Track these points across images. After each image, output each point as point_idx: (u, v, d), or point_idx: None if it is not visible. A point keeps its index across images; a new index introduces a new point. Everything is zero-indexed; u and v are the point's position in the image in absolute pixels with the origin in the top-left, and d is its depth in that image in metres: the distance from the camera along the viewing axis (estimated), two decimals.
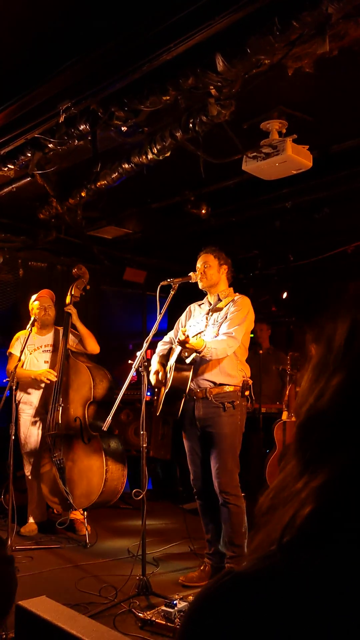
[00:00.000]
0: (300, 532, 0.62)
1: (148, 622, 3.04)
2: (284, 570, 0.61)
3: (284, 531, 0.63)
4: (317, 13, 2.54)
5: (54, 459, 4.72)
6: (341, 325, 0.67)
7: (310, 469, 0.64)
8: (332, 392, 0.65)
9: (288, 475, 0.67)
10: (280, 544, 0.63)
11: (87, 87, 3.31)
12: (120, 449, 4.77)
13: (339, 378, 0.65)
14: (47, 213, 5.46)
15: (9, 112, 3.60)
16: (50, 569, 4.03)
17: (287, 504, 0.64)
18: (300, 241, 6.79)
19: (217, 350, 3.59)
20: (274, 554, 0.63)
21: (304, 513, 0.62)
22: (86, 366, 4.89)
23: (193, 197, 5.33)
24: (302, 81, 3.35)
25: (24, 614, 2.23)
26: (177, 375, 3.72)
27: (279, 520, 0.64)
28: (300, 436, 0.68)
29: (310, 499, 0.62)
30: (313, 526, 0.61)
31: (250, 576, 0.63)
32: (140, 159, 4.05)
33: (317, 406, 0.66)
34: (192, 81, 3.06)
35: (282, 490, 0.67)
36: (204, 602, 0.64)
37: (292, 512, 0.63)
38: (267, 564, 0.63)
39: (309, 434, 0.67)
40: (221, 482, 3.65)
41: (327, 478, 0.62)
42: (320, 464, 0.63)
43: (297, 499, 0.63)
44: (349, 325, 0.66)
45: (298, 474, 0.66)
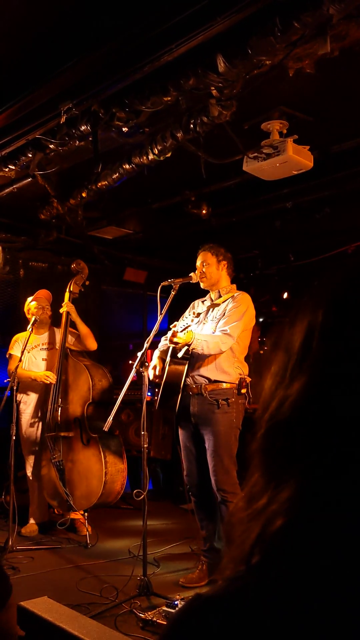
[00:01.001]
0: (269, 550, 0.59)
1: (149, 622, 3.04)
2: (254, 593, 0.58)
3: (252, 549, 0.60)
4: (318, 14, 2.54)
5: (54, 460, 4.71)
6: (298, 330, 0.65)
7: (276, 481, 0.62)
8: (293, 399, 0.62)
9: (253, 487, 0.65)
10: (248, 564, 0.60)
11: (88, 87, 3.32)
12: (119, 450, 4.76)
13: (299, 384, 0.62)
14: (48, 213, 5.46)
15: (10, 112, 3.60)
16: (51, 570, 4.03)
17: (253, 519, 0.62)
18: (301, 241, 6.79)
19: (208, 343, 3.57)
20: (243, 576, 0.60)
21: (273, 529, 0.59)
22: (85, 365, 4.87)
23: (194, 197, 5.33)
24: (303, 82, 3.35)
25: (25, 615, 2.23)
26: (171, 369, 3.72)
27: (246, 537, 0.62)
28: (264, 446, 0.65)
29: (278, 514, 0.59)
30: (283, 542, 0.59)
31: (219, 601, 0.60)
32: (141, 160, 4.06)
33: (279, 414, 0.63)
34: (193, 82, 3.07)
35: (249, 502, 0.64)
36: (173, 629, 0.63)
37: (260, 528, 0.60)
38: (236, 587, 0.60)
39: (272, 443, 0.64)
40: (218, 479, 3.64)
41: (295, 489, 0.59)
42: (285, 475, 0.61)
43: (264, 513, 0.61)
44: (306, 330, 0.64)
45: (264, 485, 0.63)
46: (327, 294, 0.66)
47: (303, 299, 0.68)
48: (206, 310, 3.93)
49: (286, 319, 0.68)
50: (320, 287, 0.67)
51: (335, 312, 0.63)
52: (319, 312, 0.64)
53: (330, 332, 0.63)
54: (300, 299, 0.68)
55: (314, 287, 0.68)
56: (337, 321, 0.63)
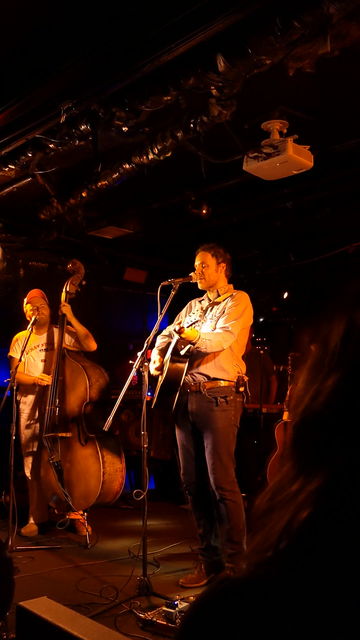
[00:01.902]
0: (297, 537, 0.61)
1: (149, 622, 3.03)
2: (281, 578, 0.60)
3: (281, 536, 0.62)
4: (318, 13, 2.54)
5: (52, 460, 4.70)
6: (337, 326, 0.66)
7: (306, 472, 0.63)
8: (327, 392, 0.64)
9: (284, 477, 0.66)
10: (276, 550, 0.62)
11: (88, 87, 3.31)
12: (117, 450, 4.75)
13: (334, 378, 0.64)
14: (48, 213, 5.45)
15: (10, 112, 3.59)
16: (51, 570, 4.03)
17: (283, 507, 0.63)
18: (301, 241, 6.79)
19: (211, 342, 3.57)
20: (270, 561, 0.62)
21: (301, 517, 0.60)
22: (82, 366, 4.86)
23: (194, 197, 5.32)
24: (303, 81, 3.35)
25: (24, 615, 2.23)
26: (172, 366, 3.71)
27: (275, 524, 0.63)
28: (296, 437, 0.67)
29: (307, 503, 0.61)
30: (310, 531, 0.60)
31: (247, 584, 0.62)
32: (141, 159, 4.05)
33: (312, 407, 0.65)
34: (193, 81, 3.06)
35: (278, 492, 0.66)
36: (199, 610, 0.64)
37: (289, 516, 0.62)
38: (264, 571, 0.61)
39: (304, 435, 0.66)
40: (216, 477, 3.63)
41: (324, 481, 0.61)
42: (316, 466, 0.62)
43: (293, 502, 0.62)
44: (345, 326, 0.66)
45: (294, 476, 0.65)
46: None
47: (343, 294, 0.69)
48: (205, 309, 3.93)
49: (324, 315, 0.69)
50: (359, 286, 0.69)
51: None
52: (359, 311, 0.66)
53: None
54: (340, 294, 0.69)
55: (353, 283, 0.69)
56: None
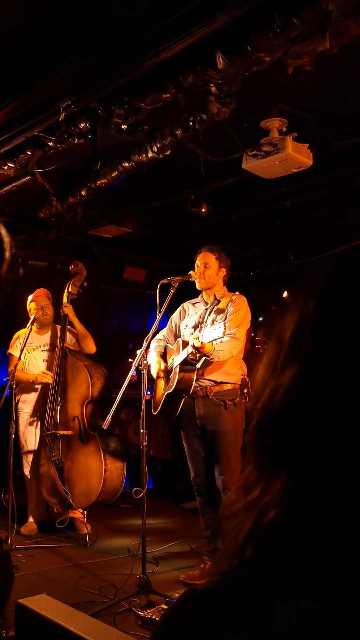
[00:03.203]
0: (262, 542, 0.59)
1: (148, 620, 3.04)
2: (246, 587, 0.58)
3: (245, 543, 0.60)
4: (317, 10, 2.53)
5: (53, 458, 4.71)
6: (289, 320, 0.65)
7: (269, 473, 0.61)
8: (284, 388, 0.62)
9: (247, 480, 0.64)
10: (242, 558, 0.60)
11: (87, 84, 3.31)
12: (119, 448, 4.76)
13: (290, 373, 0.62)
14: (47, 212, 5.45)
15: (9, 110, 3.59)
16: (50, 568, 4.02)
17: (247, 511, 0.61)
18: (300, 240, 6.79)
19: (224, 352, 3.61)
20: (236, 569, 0.60)
21: (266, 521, 0.58)
22: (84, 365, 4.86)
23: (193, 196, 5.32)
24: (302, 79, 3.35)
25: (24, 612, 2.23)
26: (182, 377, 3.72)
27: (240, 529, 0.61)
28: (256, 437, 0.65)
29: (271, 506, 0.59)
30: (276, 535, 0.58)
31: (212, 595, 0.59)
32: (140, 158, 4.05)
33: (270, 405, 0.63)
34: (192, 79, 3.06)
35: (242, 495, 0.64)
36: (167, 624, 0.62)
37: (253, 520, 0.60)
38: (229, 581, 0.59)
39: (264, 435, 0.64)
40: (225, 479, 3.66)
41: (287, 481, 0.59)
42: (278, 466, 0.60)
43: (256, 505, 0.60)
44: (297, 320, 0.64)
45: (256, 478, 0.63)
46: (317, 284, 0.66)
47: (295, 291, 0.68)
48: (203, 313, 3.93)
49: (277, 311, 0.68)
50: (311, 278, 0.68)
51: (326, 301, 0.64)
52: (310, 302, 0.64)
53: (322, 321, 0.63)
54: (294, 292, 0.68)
55: (305, 278, 0.68)
56: (328, 310, 0.63)
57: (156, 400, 3.98)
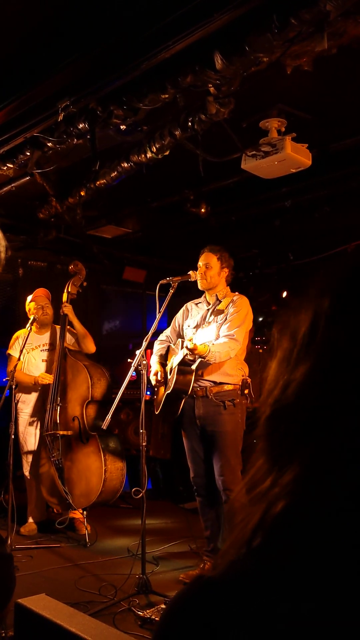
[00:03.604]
0: (270, 532, 0.60)
1: (148, 620, 3.04)
2: (254, 575, 0.59)
3: (254, 533, 0.61)
4: (315, 10, 2.54)
5: (53, 458, 4.71)
6: (304, 317, 0.66)
7: (279, 465, 0.62)
8: (296, 383, 0.63)
9: (258, 472, 0.66)
10: (249, 547, 0.61)
11: (86, 85, 3.31)
12: (119, 449, 4.76)
13: (304, 369, 0.63)
14: (47, 212, 5.46)
15: (8, 110, 3.59)
16: (50, 568, 4.03)
17: (257, 502, 0.63)
18: (300, 240, 6.79)
19: (220, 354, 3.61)
20: (244, 558, 0.61)
21: (275, 512, 0.60)
22: (84, 365, 4.86)
23: (192, 196, 5.33)
24: (301, 79, 3.35)
25: (23, 612, 2.23)
26: (179, 377, 3.73)
27: (249, 520, 0.62)
28: (267, 430, 0.66)
29: (280, 497, 0.60)
30: (284, 525, 0.59)
31: (220, 582, 0.61)
32: (139, 158, 4.05)
33: (282, 399, 0.64)
34: (191, 79, 3.06)
35: (252, 487, 0.65)
36: (174, 610, 0.64)
37: (262, 511, 0.61)
38: (237, 569, 0.61)
39: (275, 428, 0.65)
40: (225, 480, 3.65)
41: (297, 473, 0.60)
42: (289, 458, 0.62)
43: (266, 497, 0.62)
44: (311, 317, 0.65)
45: (267, 470, 0.64)
46: (332, 282, 0.67)
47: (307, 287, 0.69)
48: (204, 314, 3.94)
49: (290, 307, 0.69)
50: (325, 275, 0.69)
51: (340, 298, 0.65)
52: (325, 299, 0.65)
53: (336, 318, 0.64)
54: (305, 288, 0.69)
55: (318, 275, 0.69)
56: (343, 308, 0.64)
57: (157, 400, 3.99)
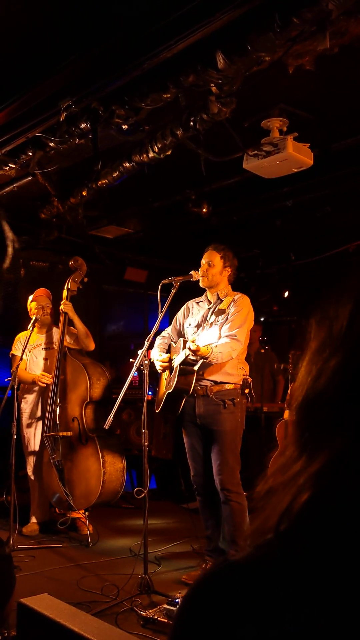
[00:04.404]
0: (297, 520, 0.60)
1: (150, 620, 3.03)
2: (281, 560, 0.60)
3: (281, 519, 0.61)
4: (317, 9, 2.54)
5: (53, 459, 4.70)
6: (343, 308, 0.67)
7: (308, 453, 0.63)
8: (330, 372, 0.64)
9: (288, 459, 0.66)
10: (277, 533, 0.61)
11: (88, 84, 3.31)
12: (118, 449, 4.74)
13: (338, 358, 0.64)
14: (49, 212, 5.46)
15: (9, 110, 3.60)
16: (52, 568, 4.02)
17: (284, 489, 0.63)
18: (302, 240, 6.79)
19: (222, 354, 3.60)
20: (270, 543, 0.62)
21: (302, 500, 0.60)
22: (82, 364, 4.84)
23: (194, 196, 5.33)
24: (302, 79, 3.35)
25: (26, 612, 2.23)
26: (181, 377, 3.72)
27: (276, 507, 0.63)
28: (298, 418, 0.67)
29: (308, 485, 0.60)
30: (311, 514, 0.60)
31: (246, 565, 0.62)
32: (141, 158, 4.05)
33: (314, 387, 0.65)
34: (193, 79, 3.06)
35: (280, 474, 0.66)
36: (198, 590, 0.64)
37: (290, 498, 0.61)
38: (263, 553, 0.61)
39: (307, 416, 0.65)
40: (223, 479, 3.65)
41: (326, 462, 0.60)
42: (319, 447, 0.62)
43: (294, 484, 0.62)
44: (352, 308, 0.66)
45: (296, 457, 0.65)
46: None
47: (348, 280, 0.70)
48: (205, 313, 3.93)
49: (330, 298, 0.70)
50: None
51: None
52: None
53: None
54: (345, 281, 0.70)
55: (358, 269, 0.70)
56: None
57: (158, 399, 3.98)
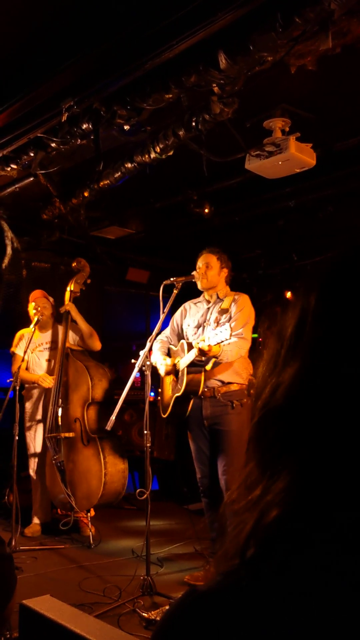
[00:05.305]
0: (264, 542, 0.58)
1: (152, 622, 3.03)
2: (248, 588, 0.56)
3: (247, 542, 0.58)
4: (319, 9, 2.53)
5: (55, 460, 4.70)
6: (291, 316, 0.64)
7: (270, 471, 0.60)
8: (286, 385, 0.61)
9: (248, 477, 0.63)
10: (242, 558, 0.58)
11: (90, 85, 3.31)
12: (120, 450, 4.74)
13: (292, 369, 0.61)
14: (50, 213, 5.45)
15: (11, 111, 3.59)
16: (54, 569, 4.02)
17: (248, 510, 0.60)
18: (304, 240, 6.77)
19: (232, 352, 3.61)
20: (237, 570, 0.58)
21: (267, 521, 0.57)
22: (85, 365, 4.84)
23: (196, 197, 5.32)
24: (305, 79, 3.34)
25: (27, 613, 2.22)
26: (191, 379, 3.71)
27: (242, 529, 0.60)
28: (257, 435, 0.64)
29: (273, 505, 0.58)
30: (277, 535, 0.57)
31: (213, 596, 0.58)
32: (143, 158, 4.05)
33: (272, 401, 0.62)
34: (195, 79, 3.06)
35: (244, 494, 0.63)
36: (166, 626, 0.61)
37: (255, 519, 0.59)
38: (230, 582, 0.58)
39: (265, 432, 0.62)
40: (228, 479, 3.65)
41: (289, 480, 0.58)
42: (280, 464, 0.59)
43: (258, 504, 0.59)
44: (298, 315, 0.63)
45: (258, 476, 0.62)
46: (318, 278, 0.64)
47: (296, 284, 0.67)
48: (205, 312, 3.92)
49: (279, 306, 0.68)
50: (312, 272, 0.66)
51: (327, 295, 0.62)
52: (311, 297, 0.63)
53: (323, 315, 0.61)
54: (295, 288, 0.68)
55: (305, 272, 0.67)
56: (329, 305, 0.61)
57: (164, 403, 3.96)
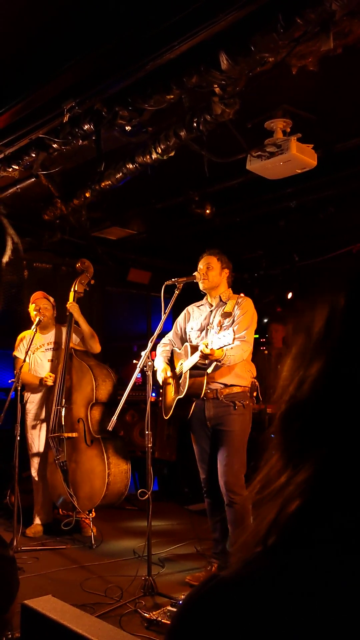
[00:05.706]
0: (285, 531, 0.60)
1: (154, 622, 3.03)
2: (270, 575, 0.59)
3: (269, 531, 0.61)
4: (321, 10, 2.53)
5: (57, 460, 4.70)
6: (319, 313, 0.66)
7: (294, 463, 0.62)
8: (311, 380, 0.63)
9: (272, 469, 0.65)
10: (265, 546, 0.61)
11: (91, 86, 3.32)
12: (123, 451, 4.74)
13: (318, 365, 0.63)
14: (52, 214, 5.45)
15: (13, 112, 3.60)
16: (56, 570, 4.02)
17: (271, 500, 0.62)
18: (305, 241, 6.78)
19: (234, 357, 3.62)
20: (258, 557, 0.61)
21: (289, 511, 0.59)
22: (88, 366, 4.85)
23: (197, 197, 5.32)
24: (306, 80, 3.34)
25: (29, 614, 2.22)
26: (193, 382, 3.72)
27: (263, 518, 0.62)
28: (282, 428, 0.66)
29: (295, 495, 0.60)
30: (299, 525, 0.59)
31: (235, 582, 0.60)
32: (144, 159, 4.05)
33: (297, 396, 0.64)
34: (196, 80, 3.06)
35: (266, 485, 0.65)
36: (187, 610, 0.63)
37: (277, 509, 0.60)
38: (252, 568, 0.60)
39: (290, 425, 0.65)
40: (228, 481, 3.65)
41: (312, 472, 0.60)
42: (304, 456, 0.61)
43: (281, 495, 0.61)
44: (327, 312, 0.66)
45: (282, 467, 0.64)
46: (348, 279, 0.67)
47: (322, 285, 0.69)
48: (208, 316, 3.93)
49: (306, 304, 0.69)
50: (342, 272, 0.69)
51: (356, 295, 0.65)
52: (341, 296, 0.66)
53: (352, 314, 0.64)
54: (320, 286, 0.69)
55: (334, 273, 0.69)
56: (357, 304, 0.64)
57: (167, 405, 3.97)
